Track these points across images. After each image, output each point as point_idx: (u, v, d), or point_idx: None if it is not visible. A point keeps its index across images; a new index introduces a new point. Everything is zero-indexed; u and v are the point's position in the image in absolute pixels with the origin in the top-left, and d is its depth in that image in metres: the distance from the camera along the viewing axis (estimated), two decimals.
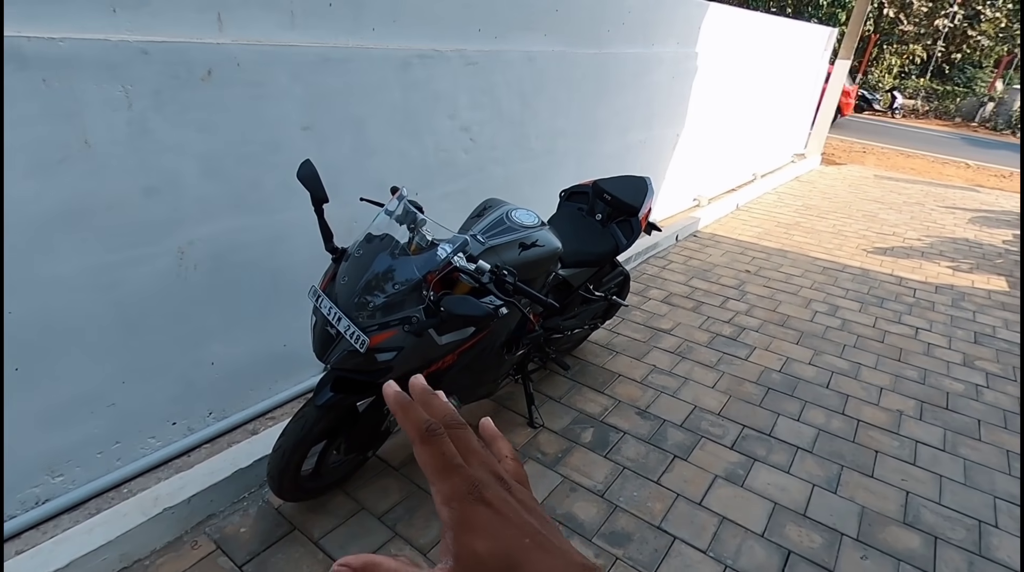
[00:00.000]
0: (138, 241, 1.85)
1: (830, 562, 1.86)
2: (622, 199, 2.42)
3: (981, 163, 11.09)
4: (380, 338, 1.49)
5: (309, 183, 1.64)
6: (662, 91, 4.63)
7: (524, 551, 0.28)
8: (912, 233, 5.58)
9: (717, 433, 2.45)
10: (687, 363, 2.97)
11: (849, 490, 2.17)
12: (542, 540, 0.29)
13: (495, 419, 2.41)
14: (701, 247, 4.73)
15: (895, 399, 2.77)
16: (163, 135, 1.82)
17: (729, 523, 1.99)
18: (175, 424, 2.16)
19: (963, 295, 4.09)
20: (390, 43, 2.40)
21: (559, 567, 0.28)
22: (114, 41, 1.65)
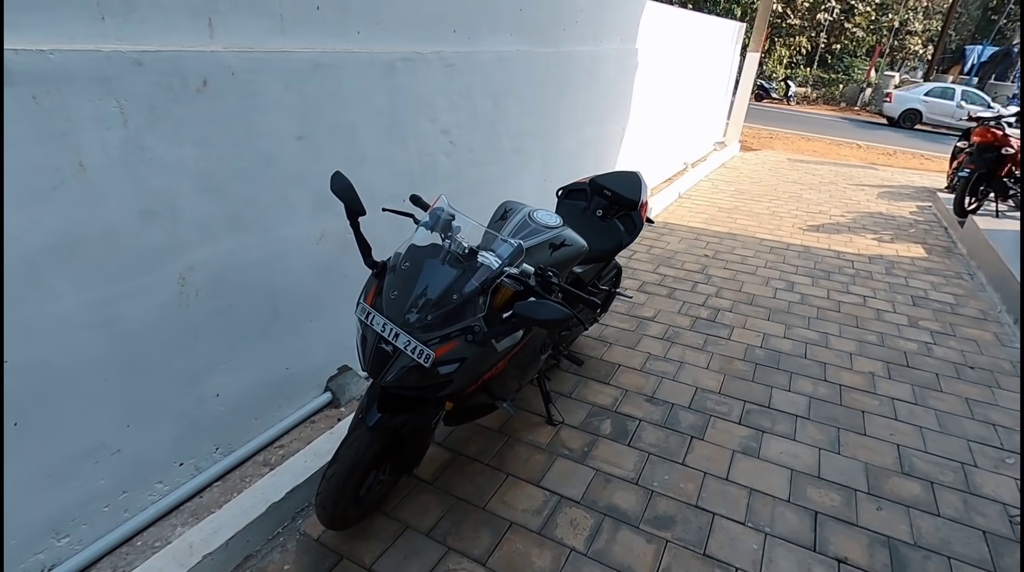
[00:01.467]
0: (137, 270, 1.69)
1: (852, 516, 2.02)
2: (621, 194, 2.49)
3: (869, 143, 12.29)
4: (443, 350, 1.45)
5: (344, 195, 1.57)
6: (610, 87, 4.78)
7: None
8: (835, 210, 6.10)
9: (723, 411, 2.58)
10: (678, 347, 3.10)
11: (850, 449, 2.36)
12: None
13: (512, 422, 2.43)
14: (659, 236, 4.93)
15: (865, 362, 3.03)
16: (160, 153, 1.67)
17: (757, 493, 2.11)
18: (182, 465, 1.99)
19: (893, 264, 4.54)
20: (375, 46, 2.32)
21: None
22: (106, 52, 1.49)
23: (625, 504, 2.03)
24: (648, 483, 2.13)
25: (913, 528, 1.98)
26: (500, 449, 2.26)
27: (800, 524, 1.98)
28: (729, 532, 1.93)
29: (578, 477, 2.14)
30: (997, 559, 1.87)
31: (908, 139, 13.44)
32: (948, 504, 2.10)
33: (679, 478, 2.16)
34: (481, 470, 2.15)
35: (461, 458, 2.20)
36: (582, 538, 1.88)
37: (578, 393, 2.65)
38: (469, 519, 1.93)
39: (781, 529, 1.95)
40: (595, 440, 2.34)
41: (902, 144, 12.46)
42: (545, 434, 2.36)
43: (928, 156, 10.99)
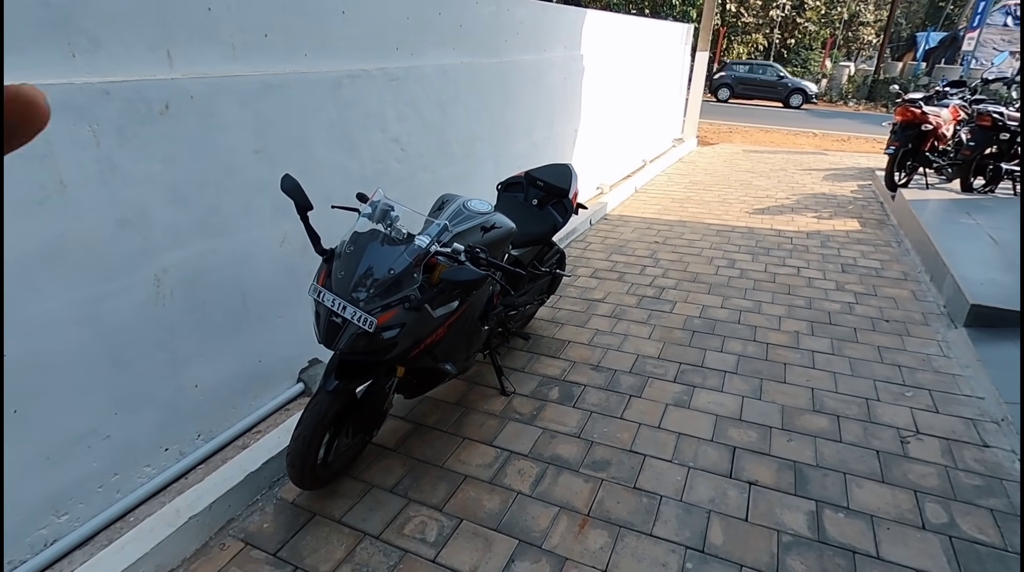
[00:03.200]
0: (116, 272, 1.93)
1: (765, 448, 2.31)
2: (553, 183, 2.78)
3: (825, 131, 12.81)
4: (385, 317, 1.71)
5: (293, 194, 1.83)
6: (557, 92, 5.10)
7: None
8: (781, 194, 6.48)
9: (660, 373, 2.86)
10: (623, 323, 3.38)
11: (770, 396, 2.66)
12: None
13: (469, 395, 2.69)
14: (613, 228, 5.24)
15: (792, 323, 3.34)
16: (130, 169, 1.91)
17: (685, 436, 2.38)
18: (167, 450, 2.21)
19: (828, 237, 4.89)
20: (322, 66, 2.59)
21: None
22: (78, 84, 1.74)
23: (567, 454, 2.29)
24: (589, 436, 2.40)
25: (817, 453, 2.27)
26: (458, 418, 2.51)
27: (719, 458, 2.26)
28: (657, 469, 2.21)
29: (527, 436, 2.40)
30: (886, 471, 2.17)
31: (864, 125, 14.01)
32: (849, 432, 2.39)
33: (616, 429, 2.44)
34: (440, 436, 2.40)
35: (422, 428, 2.45)
36: (528, 483, 2.14)
37: (530, 368, 2.91)
38: (428, 476, 2.18)
39: (703, 463, 2.23)
40: (543, 405, 2.61)
41: (857, 130, 13.00)
42: (499, 403, 2.62)
43: (880, 139, 11.50)
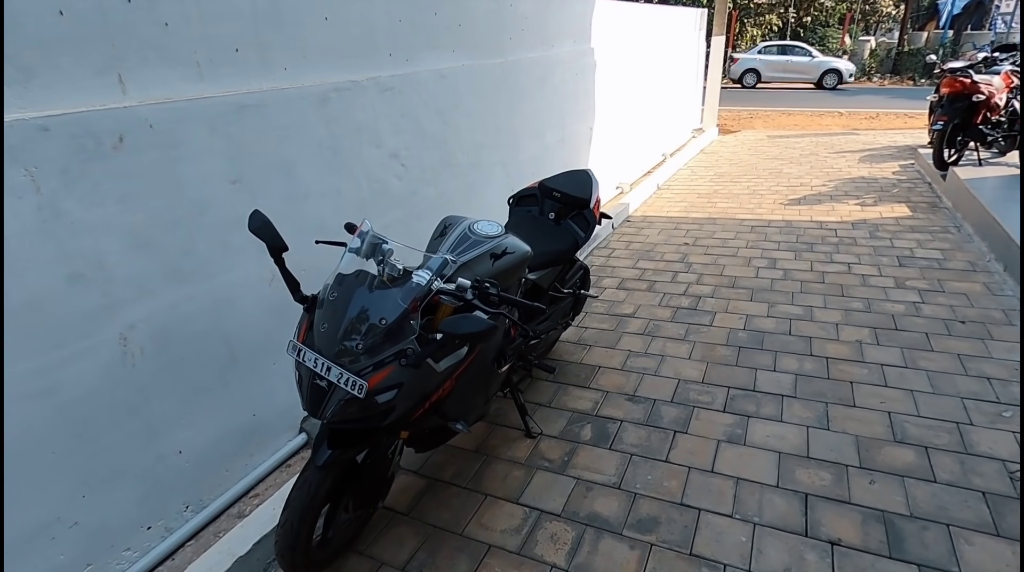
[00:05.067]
0: (70, 336, 1.66)
1: (843, 494, 1.94)
2: (571, 194, 2.45)
3: (851, 109, 12.20)
4: (378, 378, 1.41)
5: (263, 233, 1.54)
6: (568, 89, 4.76)
7: None
8: (816, 180, 6.03)
9: (706, 400, 2.50)
10: (659, 341, 3.03)
11: (839, 424, 2.28)
12: None
13: (490, 439, 2.37)
14: (637, 230, 4.88)
15: (851, 331, 2.95)
16: (79, 215, 1.65)
17: (744, 482, 2.03)
18: (150, 528, 1.95)
19: (876, 226, 4.45)
20: (304, 80, 2.31)
21: None
22: (8, 122, 1.48)
23: (607, 511, 1.96)
24: (630, 486, 2.06)
25: (908, 498, 1.90)
26: (478, 470, 2.20)
27: (789, 509, 1.90)
28: (715, 527, 1.86)
29: (558, 489, 2.07)
30: (999, 520, 1.78)
31: (892, 100, 13.34)
32: (944, 468, 2.01)
33: (662, 476, 2.09)
34: (458, 494, 2.09)
35: (438, 484, 2.14)
36: (563, 553, 1.81)
37: (557, 401, 2.59)
38: (446, 547, 1.87)
39: (770, 517, 1.87)
40: (575, 448, 2.28)
41: (885, 106, 12.36)
42: (524, 448, 2.30)
43: (911, 114, 10.88)
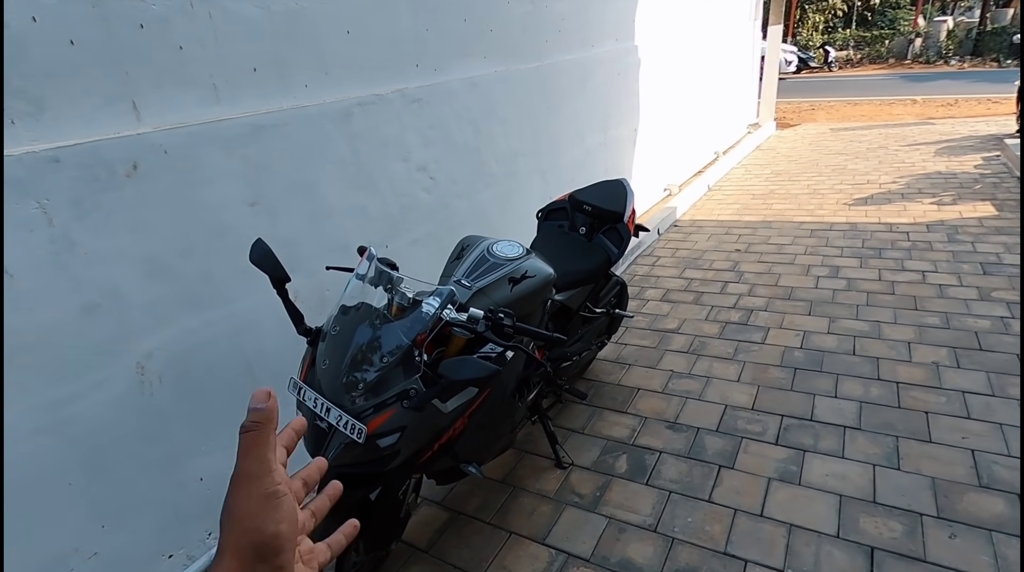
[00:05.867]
0: (85, 367, 1.65)
1: (917, 549, 1.69)
2: (603, 207, 2.28)
3: (926, 96, 11.29)
4: (378, 422, 1.30)
5: (264, 264, 1.47)
6: (610, 90, 4.56)
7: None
8: (885, 177, 5.55)
9: (756, 430, 2.28)
10: (704, 360, 2.81)
11: (912, 462, 2.01)
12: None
13: (518, 469, 2.23)
14: (685, 236, 4.62)
15: (926, 352, 2.63)
16: (93, 246, 1.63)
17: (798, 530, 1.81)
18: (171, 557, 1.93)
19: (956, 228, 4.01)
20: (325, 97, 2.25)
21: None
22: (17, 155, 1.47)
23: (641, 558, 1.78)
24: (668, 529, 1.88)
25: (998, 558, 1.63)
26: (503, 503, 2.07)
27: (852, 565, 1.66)
28: None
29: (588, 529, 1.92)
30: None
31: (972, 84, 12.27)
32: None
33: (704, 519, 1.90)
34: (481, 530, 1.96)
35: (460, 518, 2.03)
36: None
37: (591, 427, 2.42)
38: None
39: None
40: (608, 481, 2.11)
41: (964, 91, 11.37)
42: (553, 480, 2.15)
43: (995, 100, 9.95)
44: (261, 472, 0.39)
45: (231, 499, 0.39)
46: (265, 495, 0.39)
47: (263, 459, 0.40)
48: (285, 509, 0.40)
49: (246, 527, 0.38)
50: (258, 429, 0.40)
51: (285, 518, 0.39)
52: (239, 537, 0.38)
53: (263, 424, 0.40)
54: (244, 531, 0.38)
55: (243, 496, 0.39)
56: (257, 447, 0.40)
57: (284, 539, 0.39)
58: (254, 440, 0.40)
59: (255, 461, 0.39)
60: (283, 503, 0.40)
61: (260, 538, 0.38)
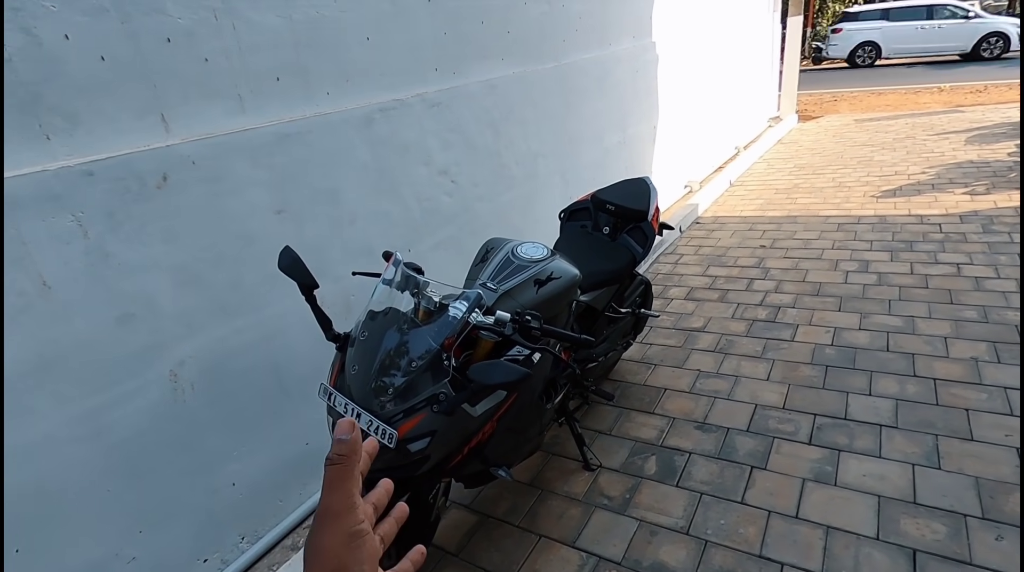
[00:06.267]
0: (121, 376, 1.69)
1: (962, 552, 1.63)
2: (626, 206, 2.26)
3: (952, 83, 10.98)
4: (408, 426, 1.30)
5: (293, 272, 1.48)
6: (628, 88, 4.53)
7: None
8: (914, 168, 5.41)
9: (789, 430, 2.23)
10: (732, 359, 2.76)
11: (953, 461, 1.95)
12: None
13: (545, 471, 2.21)
14: (708, 233, 4.56)
15: (964, 347, 2.55)
16: (126, 257, 1.67)
17: (836, 532, 1.76)
18: (206, 561, 1.96)
19: (991, 219, 3.89)
20: (347, 103, 2.27)
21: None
22: (54, 170, 1.51)
23: (673, 561, 1.76)
24: (701, 532, 1.85)
25: None
26: (532, 506, 2.06)
27: (894, 568, 1.62)
28: None
29: (619, 532, 1.90)
30: None
31: (1002, 70, 11.89)
32: None
33: (737, 521, 1.86)
34: (510, 533, 1.96)
35: (489, 521, 2.03)
36: None
37: (619, 428, 2.40)
38: None
39: None
40: (638, 483, 2.09)
41: (993, 77, 11.03)
42: (581, 482, 2.14)
43: None
44: (345, 509, 0.39)
45: (316, 536, 0.39)
46: (349, 534, 0.39)
47: (348, 495, 0.40)
48: (368, 549, 0.40)
49: (330, 566, 0.38)
50: (343, 462, 0.40)
51: (368, 558, 0.40)
52: None
53: (348, 456, 0.40)
54: (329, 569, 0.38)
55: (327, 535, 0.39)
56: (343, 481, 0.40)
57: None
58: (339, 474, 0.40)
59: (340, 497, 0.39)
60: (366, 542, 0.40)
61: None
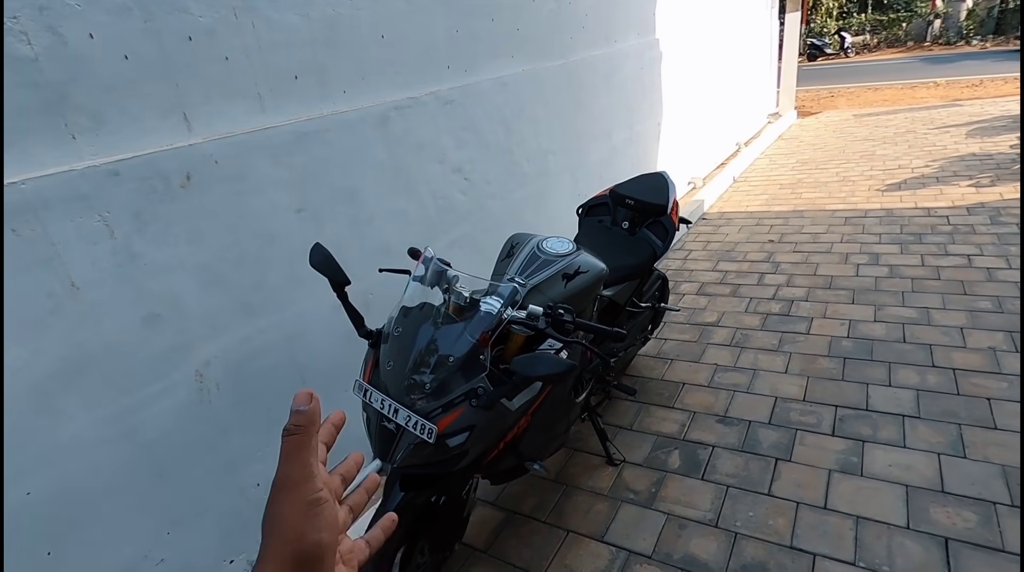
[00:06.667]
0: (148, 377, 1.68)
1: (994, 539, 1.64)
2: (646, 200, 2.26)
3: (949, 78, 11.04)
4: (447, 421, 1.30)
5: (325, 268, 1.48)
6: (634, 86, 4.53)
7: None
8: (917, 161, 5.43)
9: (811, 422, 2.23)
10: (748, 353, 2.77)
11: (979, 450, 1.95)
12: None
13: (569, 465, 2.21)
14: (715, 229, 4.57)
15: (981, 337, 2.56)
16: (152, 257, 1.66)
17: (866, 522, 1.76)
18: (232, 562, 1.95)
19: (998, 210, 3.91)
20: (363, 101, 2.27)
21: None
22: (80, 169, 1.49)
23: (704, 554, 1.76)
24: (730, 524, 1.85)
25: None
26: (558, 502, 2.06)
27: (928, 557, 1.62)
28: None
29: (647, 525, 1.89)
30: None
31: (997, 64, 11.96)
32: None
33: (766, 513, 1.86)
34: (538, 529, 1.95)
35: (516, 517, 2.02)
36: None
37: (639, 423, 2.40)
38: None
39: (904, 566, 1.61)
40: (663, 477, 2.09)
41: (989, 71, 11.09)
42: (606, 477, 2.14)
43: None
44: (303, 478, 0.39)
45: (273, 506, 0.38)
46: (307, 503, 0.38)
47: (305, 464, 0.39)
48: (326, 516, 0.39)
49: (288, 536, 0.37)
50: (301, 432, 0.39)
51: (326, 525, 0.39)
52: (282, 546, 0.37)
53: (306, 427, 0.40)
54: (286, 540, 0.37)
55: (285, 504, 0.38)
56: (299, 451, 0.39)
57: (325, 547, 0.39)
58: (296, 444, 0.39)
59: (297, 466, 0.39)
60: (324, 510, 0.39)
61: (302, 547, 0.37)
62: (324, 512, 0.39)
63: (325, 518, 0.39)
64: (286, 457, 0.39)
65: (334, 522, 0.40)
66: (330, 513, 0.40)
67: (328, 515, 0.40)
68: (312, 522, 0.38)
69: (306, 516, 0.38)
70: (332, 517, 0.40)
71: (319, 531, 0.38)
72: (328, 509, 0.40)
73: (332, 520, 0.40)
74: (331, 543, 0.39)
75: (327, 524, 0.39)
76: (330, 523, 0.40)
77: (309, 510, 0.38)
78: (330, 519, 0.40)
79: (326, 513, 0.39)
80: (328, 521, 0.39)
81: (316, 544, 0.38)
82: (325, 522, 0.39)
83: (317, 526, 0.38)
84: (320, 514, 0.39)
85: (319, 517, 0.39)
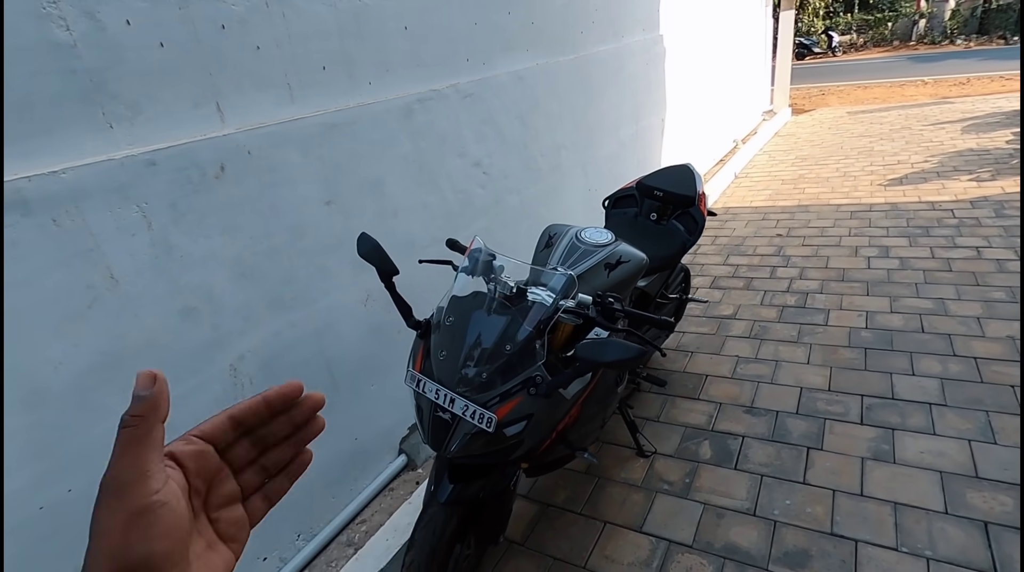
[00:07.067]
0: (185, 371, 1.65)
1: None
2: (674, 191, 2.26)
3: (936, 76, 11.21)
4: (506, 409, 1.29)
5: (373, 258, 1.46)
6: (640, 81, 4.54)
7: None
8: (916, 157, 5.50)
9: (839, 411, 2.25)
10: (769, 344, 2.78)
11: (1009, 436, 1.98)
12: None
13: (600, 458, 2.21)
14: (722, 224, 4.59)
15: (999, 326, 2.60)
16: (188, 249, 1.63)
17: (904, 508, 1.78)
18: (265, 560, 1.92)
19: (1001, 204, 3.97)
20: (388, 93, 2.24)
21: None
22: (119, 159, 1.46)
23: (746, 542, 1.76)
24: (768, 512, 1.85)
25: None
26: (591, 494, 2.05)
27: (969, 541, 1.64)
28: (880, 563, 1.63)
29: (685, 515, 1.90)
30: None
31: (982, 63, 12.17)
32: None
33: (803, 501, 1.87)
34: (575, 521, 1.95)
35: (551, 510, 2.01)
36: None
37: (667, 415, 2.40)
38: None
39: (946, 551, 1.62)
40: (695, 468, 2.09)
41: (974, 70, 11.29)
42: (638, 469, 2.13)
43: (1008, 76, 9.87)
44: (134, 480, 0.32)
45: (95, 513, 0.32)
46: (135, 510, 0.32)
47: (138, 463, 0.33)
48: (163, 523, 0.33)
49: (106, 551, 0.31)
50: (138, 424, 0.33)
51: (163, 533, 0.33)
52: (100, 561, 0.31)
53: (145, 417, 0.33)
54: (105, 555, 0.31)
55: (106, 512, 0.32)
56: (134, 446, 0.33)
57: (160, 559, 0.33)
58: (131, 437, 0.33)
59: (127, 466, 0.32)
60: (161, 516, 0.33)
61: (126, 564, 0.32)
62: (161, 518, 0.33)
63: (162, 525, 0.33)
64: (119, 453, 0.33)
65: (179, 526, 0.34)
66: (169, 518, 0.34)
67: (167, 520, 0.33)
68: (141, 532, 0.32)
69: (132, 526, 0.32)
70: (175, 521, 0.34)
71: (149, 541, 0.32)
72: (167, 513, 0.34)
73: (174, 524, 0.34)
74: (170, 552, 0.34)
75: (164, 531, 0.33)
76: (170, 530, 0.34)
77: (139, 519, 0.32)
78: (171, 525, 0.34)
79: (163, 520, 0.33)
80: (168, 527, 0.34)
81: (144, 557, 0.32)
82: (162, 529, 0.33)
83: (147, 536, 0.32)
84: (155, 522, 0.33)
85: (153, 525, 0.33)
